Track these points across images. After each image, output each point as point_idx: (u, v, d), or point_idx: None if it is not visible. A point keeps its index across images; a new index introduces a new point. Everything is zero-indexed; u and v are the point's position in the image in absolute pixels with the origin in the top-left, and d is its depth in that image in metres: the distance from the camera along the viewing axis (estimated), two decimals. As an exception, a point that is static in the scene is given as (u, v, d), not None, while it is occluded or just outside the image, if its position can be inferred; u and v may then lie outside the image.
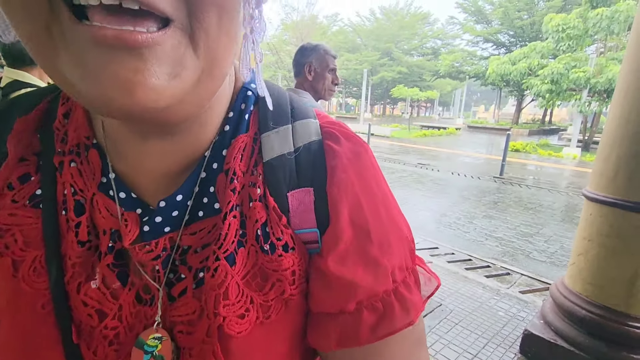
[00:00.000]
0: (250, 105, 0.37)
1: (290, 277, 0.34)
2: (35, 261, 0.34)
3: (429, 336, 2.20)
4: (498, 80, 19.26)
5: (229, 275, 0.32)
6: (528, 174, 9.18)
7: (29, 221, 0.34)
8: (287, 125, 0.36)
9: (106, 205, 0.34)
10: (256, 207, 0.33)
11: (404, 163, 9.77)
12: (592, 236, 1.89)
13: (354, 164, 0.35)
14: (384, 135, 17.75)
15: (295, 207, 0.34)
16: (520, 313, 2.54)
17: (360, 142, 0.37)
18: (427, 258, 3.40)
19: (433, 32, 39.03)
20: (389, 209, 0.36)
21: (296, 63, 1.83)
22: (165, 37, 0.23)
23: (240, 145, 0.35)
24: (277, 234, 0.34)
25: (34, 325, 0.34)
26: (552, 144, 16.11)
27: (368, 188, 0.35)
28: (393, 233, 0.36)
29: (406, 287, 0.35)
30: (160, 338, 0.33)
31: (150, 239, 0.33)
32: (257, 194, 0.34)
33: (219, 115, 0.35)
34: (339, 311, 0.34)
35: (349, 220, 0.34)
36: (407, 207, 5.54)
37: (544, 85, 14.01)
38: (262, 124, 0.36)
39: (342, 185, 0.34)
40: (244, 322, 0.33)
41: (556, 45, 14.58)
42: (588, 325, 1.83)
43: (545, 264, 3.68)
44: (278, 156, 0.35)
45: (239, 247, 0.33)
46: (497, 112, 33.94)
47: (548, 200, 6.37)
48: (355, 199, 0.34)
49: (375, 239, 0.34)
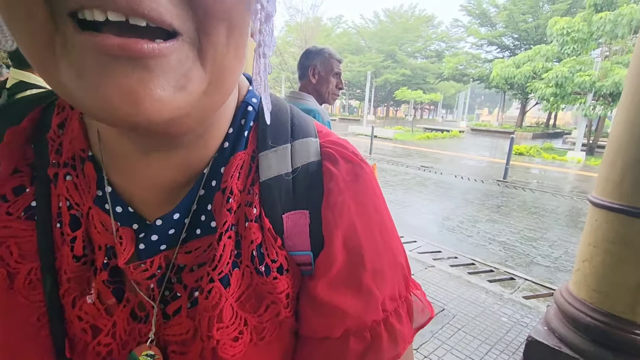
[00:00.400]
0: (250, 121, 0.36)
1: (284, 300, 0.33)
2: (30, 273, 0.33)
3: (431, 341, 2.19)
4: (502, 83, 19.20)
5: (223, 298, 0.32)
6: (532, 178, 9.13)
7: (24, 233, 0.34)
8: (286, 145, 0.35)
9: (102, 220, 0.33)
10: (252, 228, 0.33)
11: (407, 165, 9.74)
12: (597, 242, 1.87)
13: (351, 187, 0.34)
14: (387, 137, 17.72)
15: (290, 229, 0.34)
16: (523, 319, 2.51)
17: (360, 164, 0.36)
18: (430, 262, 3.38)
19: (437, 34, 39.00)
20: (385, 234, 0.35)
21: (301, 66, 1.83)
22: (172, 49, 0.22)
23: (238, 163, 0.34)
24: (272, 255, 0.33)
25: (28, 337, 0.33)
26: (556, 148, 16.03)
27: (364, 212, 0.34)
28: (387, 260, 0.35)
29: (397, 317, 0.34)
30: (153, 356, 0.33)
31: (145, 257, 0.32)
32: (253, 214, 0.33)
33: (221, 130, 0.35)
34: (325, 336, 0.33)
35: (343, 245, 0.33)
36: (410, 210, 5.52)
37: (548, 88, 13.95)
38: (261, 142, 0.35)
39: (337, 208, 0.33)
40: (237, 345, 0.32)
41: (561, 49, 14.52)
42: (593, 333, 1.81)
43: (549, 269, 3.65)
44: (275, 177, 0.34)
45: (233, 268, 0.33)
46: (500, 115, 33.81)
47: (552, 205, 6.32)
48: (350, 223, 0.33)
49: (368, 265, 0.33)
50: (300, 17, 31.51)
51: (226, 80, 0.27)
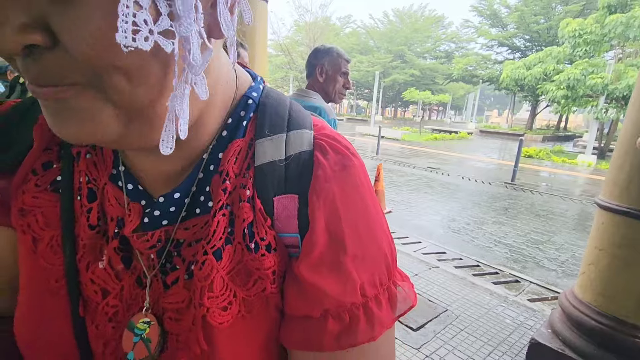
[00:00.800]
0: (249, 113, 0.39)
1: (271, 276, 0.36)
2: (52, 240, 0.38)
3: (433, 341, 2.19)
4: (512, 85, 19.00)
5: (214, 270, 0.34)
6: (541, 181, 9.03)
7: (48, 204, 0.39)
8: (281, 134, 0.38)
9: (115, 195, 0.38)
10: (244, 207, 0.35)
11: (414, 166, 9.70)
12: (603, 246, 1.85)
13: (338, 176, 0.36)
14: (394, 138, 17.65)
15: (280, 212, 0.36)
16: (527, 321, 2.49)
17: (349, 156, 0.37)
18: (434, 263, 3.37)
19: (447, 35, 38.72)
20: (369, 224, 0.37)
21: (309, 64, 1.83)
22: (69, 94, 0.26)
23: (236, 149, 0.37)
24: (262, 234, 0.35)
25: (48, 297, 0.39)
26: (566, 151, 15.81)
27: (349, 200, 0.36)
28: (370, 248, 0.36)
29: (377, 303, 0.35)
30: (149, 322, 0.37)
31: (148, 230, 0.37)
32: (246, 195, 0.36)
33: (212, 125, 0.37)
34: (305, 315, 0.35)
35: (325, 228, 0.35)
36: (415, 210, 5.50)
37: (559, 90, 13.76)
38: (259, 131, 0.38)
39: (322, 193, 0.35)
40: (226, 314, 0.35)
41: (573, 51, 14.31)
42: (598, 336, 1.79)
43: (555, 272, 3.61)
44: (269, 162, 0.36)
45: (226, 244, 0.35)
46: (510, 117, 33.44)
47: (561, 208, 6.25)
48: (334, 208, 0.35)
49: (349, 250, 0.35)
50: (309, 17, 31.54)
51: (147, 108, 0.28)
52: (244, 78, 0.42)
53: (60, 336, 0.39)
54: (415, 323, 2.36)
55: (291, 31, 36.27)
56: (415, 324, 2.35)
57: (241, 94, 0.40)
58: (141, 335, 0.36)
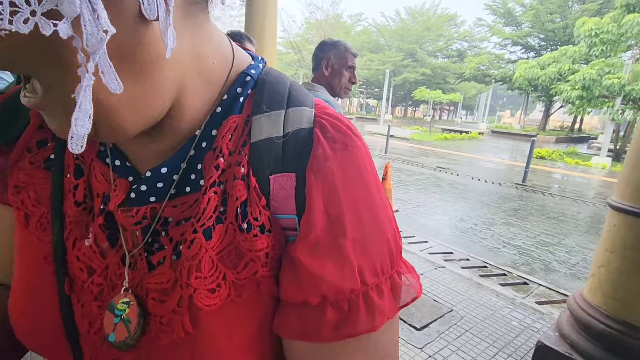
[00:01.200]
0: (247, 90, 0.37)
1: (263, 259, 0.34)
2: (42, 217, 0.39)
3: (437, 341, 2.16)
4: (525, 85, 18.66)
5: (203, 249, 0.33)
6: (553, 182, 8.86)
7: (41, 181, 0.39)
8: (280, 110, 0.36)
9: (102, 171, 0.37)
10: (237, 185, 0.34)
11: (423, 166, 9.61)
12: (615, 248, 1.80)
13: (339, 155, 0.34)
14: (403, 137, 17.52)
15: (277, 191, 0.34)
16: (535, 324, 2.45)
17: (350, 136, 0.35)
18: (440, 262, 3.34)
19: (459, 33, 38.23)
20: (372, 207, 0.35)
21: (315, 57, 1.82)
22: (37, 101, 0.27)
23: (231, 125, 0.35)
24: (255, 213, 0.34)
25: (37, 274, 0.39)
26: (580, 153, 15.48)
27: (350, 181, 0.34)
28: (372, 233, 0.34)
29: (378, 292, 0.34)
30: (129, 302, 0.35)
31: (135, 206, 0.35)
32: (240, 172, 0.34)
33: (200, 101, 0.35)
34: (302, 302, 0.33)
35: (323, 209, 0.33)
36: (423, 210, 5.45)
37: (574, 91, 13.46)
38: (256, 107, 0.36)
39: (320, 172, 0.33)
40: (214, 297, 0.33)
41: (589, 50, 13.97)
42: (606, 341, 1.74)
43: (565, 275, 3.54)
44: (265, 139, 0.35)
45: (217, 223, 0.34)
46: (523, 118, 32.90)
47: (572, 210, 6.12)
48: (333, 189, 0.33)
49: (349, 233, 0.33)
50: (320, 14, 31.47)
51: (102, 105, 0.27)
52: (243, 57, 0.40)
53: (47, 314, 0.38)
54: (420, 323, 2.33)
55: (302, 29, 36.29)
56: (420, 323, 2.33)
57: (238, 72, 0.38)
58: (121, 315, 0.35)
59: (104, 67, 0.24)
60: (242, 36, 2.11)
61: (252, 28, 3.63)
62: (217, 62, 0.36)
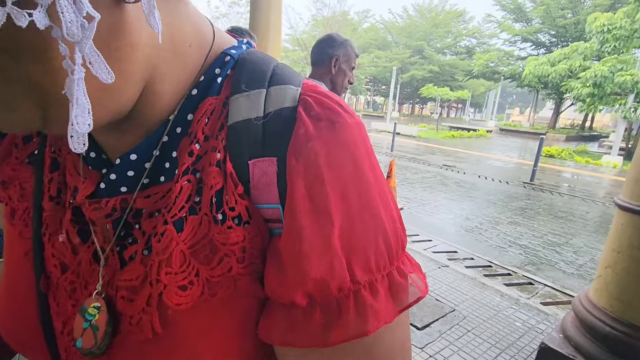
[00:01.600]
0: (226, 70, 0.34)
1: (238, 254, 0.31)
2: (25, 212, 0.39)
3: (438, 341, 2.13)
4: (535, 82, 18.39)
5: (174, 242, 0.30)
6: (561, 181, 8.72)
7: (25, 176, 0.39)
8: (260, 89, 0.32)
9: (75, 164, 0.36)
10: (212, 172, 0.31)
11: (429, 164, 9.53)
12: (622, 248, 1.75)
13: (324, 134, 0.30)
14: (410, 135, 17.40)
15: (258, 178, 0.31)
16: (539, 325, 2.41)
17: (339, 112, 0.31)
18: (444, 262, 3.30)
19: (468, 30, 37.76)
20: (365, 192, 0.30)
21: (321, 52, 1.77)
22: None
23: (208, 108, 0.33)
24: (231, 203, 0.31)
25: (19, 269, 0.39)
26: (590, 151, 15.22)
27: (336, 162, 0.30)
28: (364, 222, 0.30)
29: (372, 291, 0.30)
30: (99, 308, 0.33)
31: (104, 197, 0.33)
32: (216, 158, 0.31)
33: (175, 85, 0.33)
34: (289, 303, 0.30)
35: (306, 195, 0.29)
36: (428, 208, 5.40)
37: (585, 88, 13.22)
38: (235, 87, 0.33)
39: (302, 154, 0.30)
40: (185, 295, 0.30)
41: (601, 47, 13.69)
42: (612, 343, 1.70)
43: (572, 276, 3.48)
44: (244, 120, 0.31)
45: (190, 214, 0.31)
46: (532, 116, 32.43)
47: (581, 210, 6.02)
48: (317, 171, 0.29)
49: (336, 221, 0.29)
50: (327, 11, 31.33)
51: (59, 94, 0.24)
52: (225, 39, 0.37)
53: (25, 312, 0.37)
54: (421, 322, 2.31)
55: (309, 26, 36.19)
56: (421, 323, 2.30)
57: (217, 53, 0.35)
58: (91, 321, 0.33)
59: (92, 57, 0.23)
60: (243, 32, 2.10)
61: (256, 25, 3.62)
62: (194, 44, 0.33)
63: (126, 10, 0.25)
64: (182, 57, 0.32)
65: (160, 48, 0.30)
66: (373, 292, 0.30)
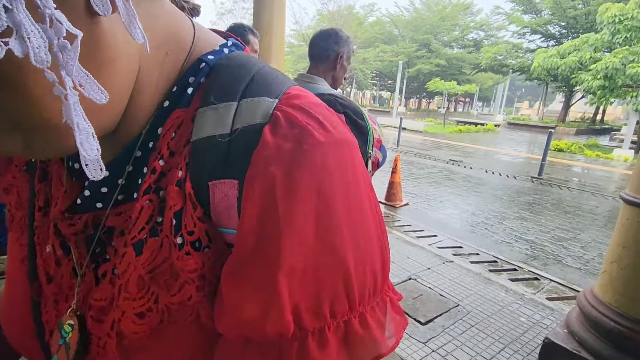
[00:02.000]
0: (199, 79, 0.31)
1: (198, 281, 0.28)
2: (21, 219, 0.39)
3: (441, 336, 2.14)
4: (544, 75, 18.09)
5: (132, 266, 0.29)
6: (571, 175, 8.60)
7: (22, 184, 0.39)
8: (231, 102, 0.29)
9: (60, 175, 0.35)
10: (172, 192, 0.29)
11: (435, 159, 9.46)
12: (628, 243, 1.73)
13: (285, 157, 0.26)
14: (417, 129, 17.27)
15: (219, 201, 0.29)
16: (544, 320, 2.39)
17: (310, 132, 0.27)
18: (449, 257, 3.29)
19: (476, 23, 37.18)
20: (328, 227, 0.26)
21: (326, 48, 1.73)
22: None
23: (175, 121, 0.30)
24: (190, 226, 0.28)
25: (17, 275, 0.39)
26: (601, 145, 14.94)
27: (296, 189, 0.26)
28: (322, 262, 0.26)
29: (320, 341, 0.26)
30: (72, 326, 0.33)
31: (80, 212, 0.33)
32: (177, 176, 0.29)
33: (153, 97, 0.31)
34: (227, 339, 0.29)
35: (255, 227, 0.26)
36: (434, 204, 5.38)
37: (595, 80, 12.98)
38: (205, 98, 0.30)
39: (258, 178, 0.26)
40: (142, 323, 0.29)
41: (612, 38, 13.40)
42: (616, 338, 1.69)
43: (579, 271, 3.44)
44: (208, 137, 0.29)
45: (151, 236, 0.29)
46: (541, 109, 31.91)
47: (590, 204, 5.93)
48: (272, 201, 0.26)
49: (285, 258, 0.25)
50: (332, 5, 31.08)
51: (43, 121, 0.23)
52: (208, 41, 0.34)
53: (22, 317, 0.38)
54: (424, 317, 2.31)
55: (314, 20, 35.98)
56: (424, 317, 2.31)
57: (194, 59, 0.33)
58: (65, 338, 0.33)
59: (81, 78, 0.21)
60: (245, 29, 2.10)
61: (259, 20, 3.61)
62: (172, 50, 0.32)
63: (102, 23, 0.23)
64: (160, 65, 0.31)
65: (140, 58, 0.29)
66: (321, 342, 0.27)
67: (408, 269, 2.97)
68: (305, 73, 1.72)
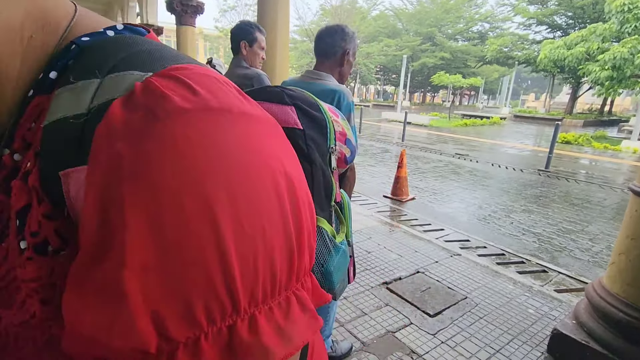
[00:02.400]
0: (67, 61, 0.27)
1: (44, 293, 0.23)
2: None
3: (450, 327, 2.17)
4: (550, 66, 17.85)
5: None
6: (578, 168, 8.53)
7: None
8: (91, 80, 0.25)
9: None
10: (14, 187, 0.24)
11: (441, 153, 9.43)
12: (636, 234, 1.74)
13: (134, 130, 0.22)
14: (421, 124, 17.19)
15: (75, 194, 0.23)
16: (552, 312, 2.41)
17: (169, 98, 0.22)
18: (456, 250, 3.31)
19: (480, 15, 36.71)
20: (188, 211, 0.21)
21: (333, 45, 1.75)
22: None
23: (34, 110, 0.26)
24: (33, 226, 0.23)
25: None
26: (609, 137, 14.76)
27: (146, 168, 0.21)
28: (189, 257, 0.21)
29: (194, 352, 0.21)
30: None
31: None
32: (24, 169, 0.25)
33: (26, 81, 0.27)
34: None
35: (97, 213, 0.21)
36: (440, 198, 5.38)
37: (603, 71, 12.80)
38: (64, 80, 0.26)
39: (100, 159, 0.22)
40: None
41: (620, 27, 13.16)
42: (625, 329, 1.71)
43: (587, 263, 3.44)
44: (58, 119, 0.24)
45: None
46: (548, 101, 31.54)
47: (598, 197, 5.89)
48: (115, 181, 0.21)
49: (133, 258, 0.20)
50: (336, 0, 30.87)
51: None
52: (89, 23, 0.30)
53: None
54: (433, 309, 2.34)
55: (317, 16, 35.77)
56: (433, 310, 2.33)
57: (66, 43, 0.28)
58: None
59: None
60: (252, 26, 2.12)
61: (264, 17, 3.63)
62: (38, 33, 0.27)
63: None
64: (22, 52, 0.26)
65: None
66: (196, 353, 0.21)
67: (416, 262, 3.00)
68: (312, 70, 1.73)
